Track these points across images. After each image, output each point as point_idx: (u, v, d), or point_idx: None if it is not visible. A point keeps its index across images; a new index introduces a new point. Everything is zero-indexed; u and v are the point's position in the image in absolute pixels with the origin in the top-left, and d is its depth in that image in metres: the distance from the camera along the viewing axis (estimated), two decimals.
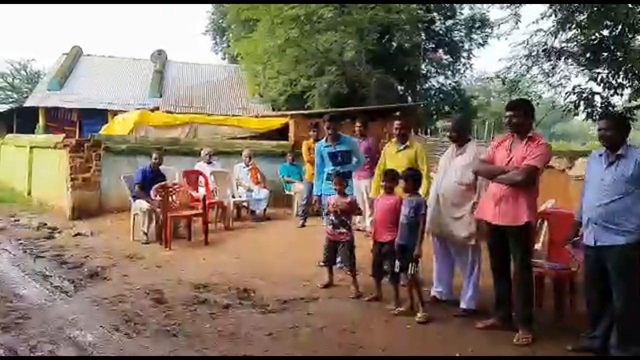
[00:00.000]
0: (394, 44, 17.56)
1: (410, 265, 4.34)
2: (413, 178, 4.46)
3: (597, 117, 10.58)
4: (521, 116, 3.92)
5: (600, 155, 3.63)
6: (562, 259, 4.32)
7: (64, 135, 10.60)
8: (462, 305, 4.41)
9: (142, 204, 7.01)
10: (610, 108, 10.60)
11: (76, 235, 7.54)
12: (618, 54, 9.90)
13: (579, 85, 10.73)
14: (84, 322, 4.14)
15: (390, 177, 4.68)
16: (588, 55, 10.30)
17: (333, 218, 4.98)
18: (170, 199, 7.09)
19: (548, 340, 3.87)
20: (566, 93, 10.89)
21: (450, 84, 22.48)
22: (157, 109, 12.17)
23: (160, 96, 19.72)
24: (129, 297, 4.76)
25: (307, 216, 8.30)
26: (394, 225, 4.56)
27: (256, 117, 12.51)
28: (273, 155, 10.66)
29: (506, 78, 11.57)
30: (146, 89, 20.16)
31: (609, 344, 3.55)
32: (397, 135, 5.36)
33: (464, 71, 22.47)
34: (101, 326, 4.04)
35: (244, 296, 4.84)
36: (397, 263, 4.43)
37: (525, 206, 3.82)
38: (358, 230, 7.77)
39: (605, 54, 10.10)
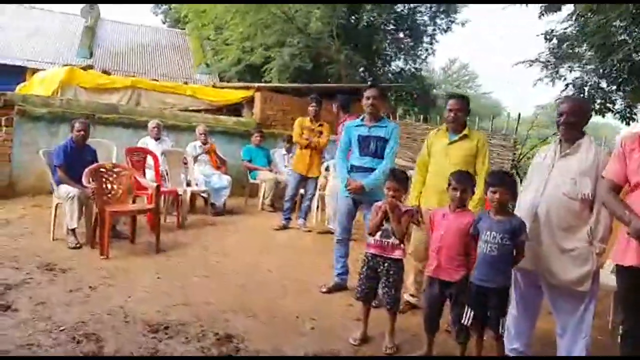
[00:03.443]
0: (363, 20, 16.05)
1: (499, 317, 2.90)
2: (509, 186, 2.99)
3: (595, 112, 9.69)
4: None
5: None
6: None
7: None
8: None
9: (68, 190, 5.11)
10: (610, 105, 9.72)
11: None
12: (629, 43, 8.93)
13: (580, 78, 9.76)
14: None
15: (466, 182, 3.19)
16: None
17: (385, 222, 3.39)
18: (109, 186, 5.24)
19: None
20: (565, 85, 9.89)
21: (409, 68, 21.32)
22: (91, 67, 9.98)
23: (91, 56, 17.09)
24: (44, 346, 3.00)
25: (291, 217, 6.68)
26: (465, 256, 3.10)
27: (213, 86, 10.60)
28: (232, 134, 8.90)
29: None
30: (74, 47, 17.44)
31: None
32: (451, 119, 3.80)
33: (426, 57, 21.37)
34: None
35: (229, 348, 3.20)
36: (469, 313, 2.97)
37: None
38: (330, 232, 6.38)
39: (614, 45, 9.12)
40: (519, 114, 7.28)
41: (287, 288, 4.34)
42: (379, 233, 3.39)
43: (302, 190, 6.82)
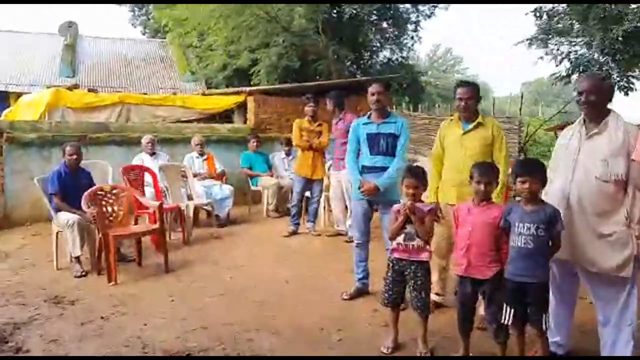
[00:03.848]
0: (346, 13, 15.86)
1: (542, 313, 2.75)
2: (539, 175, 2.82)
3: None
4: None
5: None
6: None
7: None
8: None
9: (67, 217, 4.90)
10: (607, 77, 9.57)
11: None
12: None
13: (575, 51, 9.63)
14: None
15: (489, 174, 3.02)
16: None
17: (406, 224, 3.21)
18: (109, 209, 5.04)
19: None
20: (560, 59, 9.75)
21: (397, 58, 21.14)
22: (76, 87, 9.74)
23: (74, 74, 16.83)
24: None
25: (299, 222, 6.50)
26: (496, 251, 2.94)
27: (203, 94, 10.38)
28: (228, 142, 8.69)
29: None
30: (56, 67, 17.14)
31: None
32: (462, 108, 3.63)
33: (412, 45, 21.21)
34: None
35: None
36: (509, 311, 2.81)
37: None
38: (339, 234, 6.24)
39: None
40: (521, 96, 7.16)
41: (308, 299, 4.16)
42: (401, 236, 3.21)
43: (307, 193, 6.65)
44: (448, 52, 48.02)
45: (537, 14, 10.14)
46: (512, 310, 2.79)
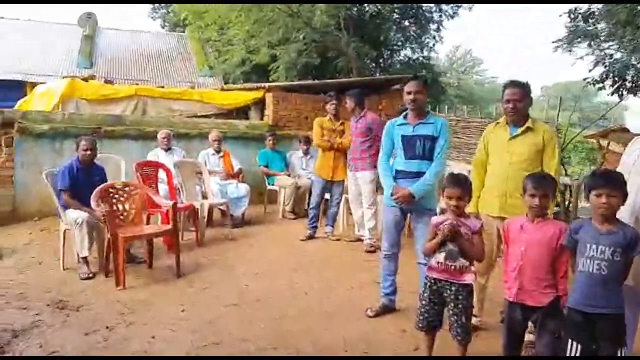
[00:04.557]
0: (368, 11, 15.49)
1: (617, 349, 2.38)
2: (619, 187, 2.41)
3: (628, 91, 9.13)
4: None
5: None
6: None
7: None
8: None
9: (75, 215, 4.63)
10: None
11: None
12: None
13: (610, 55, 9.17)
14: None
15: (546, 185, 2.66)
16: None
17: (448, 241, 2.84)
18: (120, 207, 4.76)
19: None
20: (594, 63, 9.29)
21: (417, 58, 20.70)
22: (93, 77, 9.49)
23: (92, 66, 16.65)
24: None
25: (317, 225, 6.18)
26: (552, 274, 2.58)
27: (221, 89, 10.08)
28: (246, 139, 8.39)
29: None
30: (73, 57, 16.98)
31: None
32: (510, 111, 3.23)
33: (434, 45, 20.74)
34: None
35: None
36: (575, 347, 2.43)
37: None
38: (359, 240, 5.91)
39: None
40: (559, 100, 6.72)
41: (329, 313, 3.83)
42: (441, 255, 2.86)
43: (327, 196, 6.32)
44: (468, 54, 47.31)
45: (572, 15, 9.68)
46: (580, 346, 2.42)
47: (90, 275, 4.53)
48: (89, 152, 4.87)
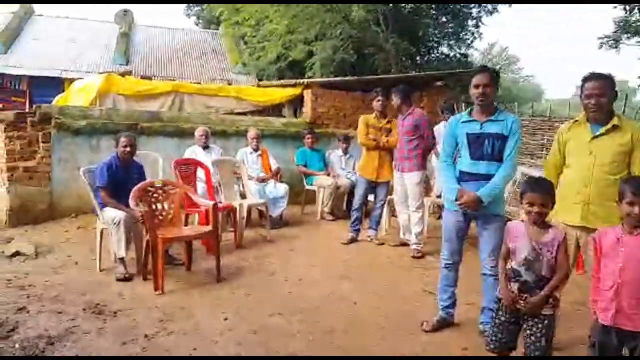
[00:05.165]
0: (406, 7, 15.07)
1: None
2: None
3: None
4: None
5: None
6: None
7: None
8: None
9: (113, 215, 4.45)
10: None
11: (13, 256, 4.96)
12: None
13: None
14: None
15: None
16: None
17: (522, 270, 2.55)
18: (159, 206, 4.55)
19: None
20: None
21: (454, 55, 20.14)
22: (130, 73, 9.40)
23: (128, 63, 16.68)
24: None
25: (360, 228, 5.89)
26: None
27: (258, 86, 9.87)
28: (284, 137, 8.14)
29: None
30: (110, 54, 17.07)
31: None
32: (592, 107, 2.87)
33: (472, 41, 20.14)
34: None
35: None
36: None
37: None
38: (404, 244, 5.58)
39: None
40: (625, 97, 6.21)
41: (382, 327, 3.53)
42: (515, 285, 2.55)
43: (371, 197, 6.02)
44: (504, 51, 46.20)
45: (627, 9, 9.12)
46: None
47: (127, 276, 4.34)
48: (128, 149, 4.69)
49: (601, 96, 2.93)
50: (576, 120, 3.12)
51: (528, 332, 2.54)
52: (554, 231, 2.56)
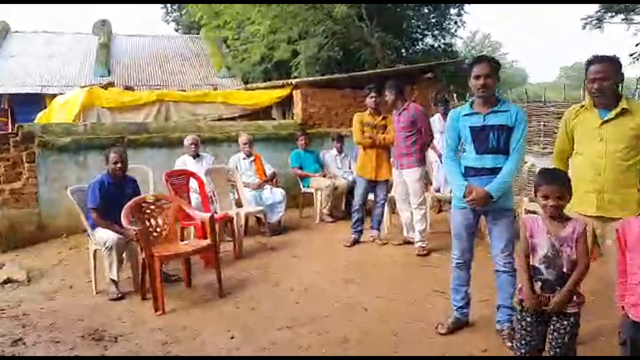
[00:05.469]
0: None
1: None
2: None
3: None
4: None
5: None
6: None
7: None
8: None
9: (105, 237, 4.26)
10: None
11: (4, 283, 4.76)
12: None
13: None
14: None
15: None
16: None
17: (543, 267, 2.43)
18: (153, 222, 4.38)
19: None
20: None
21: (439, 45, 20.05)
22: (112, 84, 9.18)
23: (109, 73, 16.41)
24: None
25: (362, 229, 5.75)
26: None
27: (245, 89, 9.69)
28: (276, 140, 7.97)
29: None
30: (90, 66, 16.78)
31: None
32: (596, 91, 2.74)
33: (455, 30, 20.07)
34: None
35: None
36: None
37: None
38: (407, 242, 5.46)
39: None
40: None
41: (396, 333, 3.39)
42: (537, 284, 2.42)
43: (370, 196, 5.88)
44: (486, 38, 46.28)
45: None
46: None
47: (119, 295, 4.18)
48: (119, 165, 4.48)
49: (604, 80, 2.80)
50: (582, 105, 2.99)
51: (552, 330, 2.42)
52: (572, 224, 2.43)
